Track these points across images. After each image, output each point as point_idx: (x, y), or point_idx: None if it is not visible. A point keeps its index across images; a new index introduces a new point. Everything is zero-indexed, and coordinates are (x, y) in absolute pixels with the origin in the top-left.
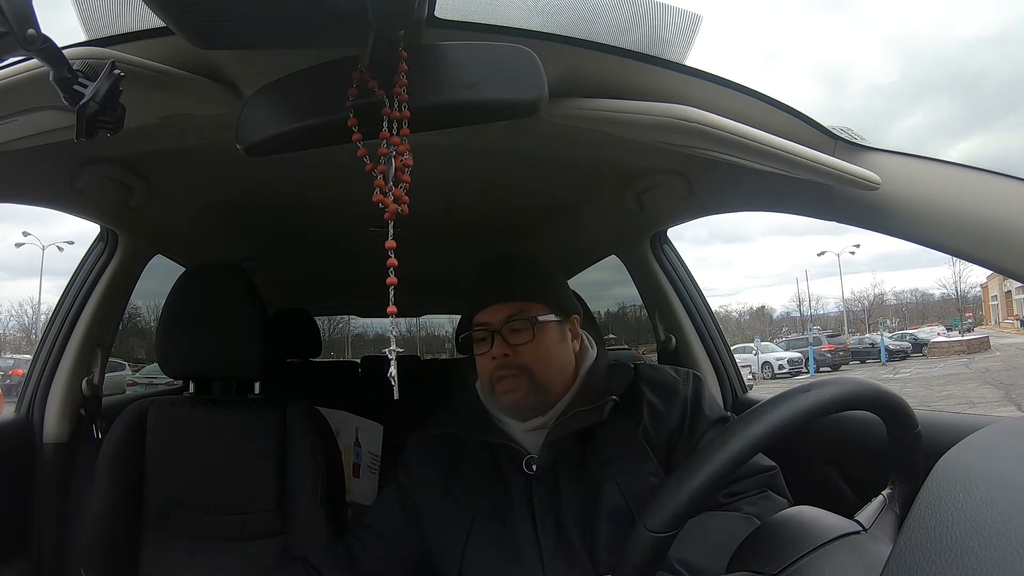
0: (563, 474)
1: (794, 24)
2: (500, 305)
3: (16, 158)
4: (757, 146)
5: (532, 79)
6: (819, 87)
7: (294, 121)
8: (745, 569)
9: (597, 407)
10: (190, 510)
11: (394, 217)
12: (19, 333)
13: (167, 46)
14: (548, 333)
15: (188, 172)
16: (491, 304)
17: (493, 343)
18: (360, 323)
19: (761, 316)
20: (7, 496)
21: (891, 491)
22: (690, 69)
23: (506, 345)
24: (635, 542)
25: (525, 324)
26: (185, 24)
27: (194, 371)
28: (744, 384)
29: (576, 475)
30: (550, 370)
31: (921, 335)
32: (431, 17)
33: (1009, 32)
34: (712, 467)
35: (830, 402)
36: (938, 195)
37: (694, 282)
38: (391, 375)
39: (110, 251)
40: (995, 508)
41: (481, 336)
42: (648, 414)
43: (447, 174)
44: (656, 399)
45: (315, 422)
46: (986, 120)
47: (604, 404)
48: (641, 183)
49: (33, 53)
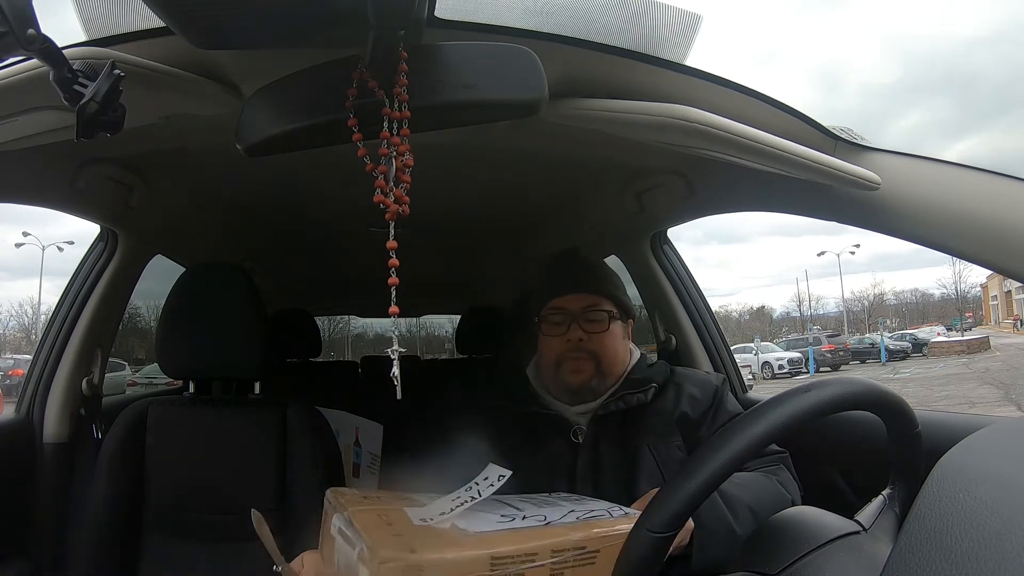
0: (604, 444)
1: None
2: (580, 295)
3: (16, 158)
4: (757, 146)
5: (532, 79)
6: (815, 88)
7: (294, 121)
8: (745, 569)
9: (643, 391)
10: (190, 510)
11: (395, 217)
12: (19, 333)
13: (167, 46)
14: (616, 328)
15: (188, 172)
16: (572, 292)
17: (569, 328)
18: (360, 323)
19: (761, 316)
20: (7, 496)
21: (891, 491)
22: (690, 69)
23: (580, 331)
24: (635, 542)
25: (602, 315)
26: (185, 24)
27: (194, 371)
28: (744, 384)
29: (616, 446)
30: (614, 361)
31: (921, 335)
32: (431, 17)
33: (1003, 32)
34: (712, 467)
35: (830, 402)
36: (938, 195)
37: (694, 282)
38: (394, 375)
39: (110, 251)
40: (995, 508)
41: (557, 320)
42: (686, 399)
43: (447, 174)
44: (694, 389)
45: (315, 422)
46: (981, 121)
47: (648, 388)
48: (641, 183)
49: (33, 53)
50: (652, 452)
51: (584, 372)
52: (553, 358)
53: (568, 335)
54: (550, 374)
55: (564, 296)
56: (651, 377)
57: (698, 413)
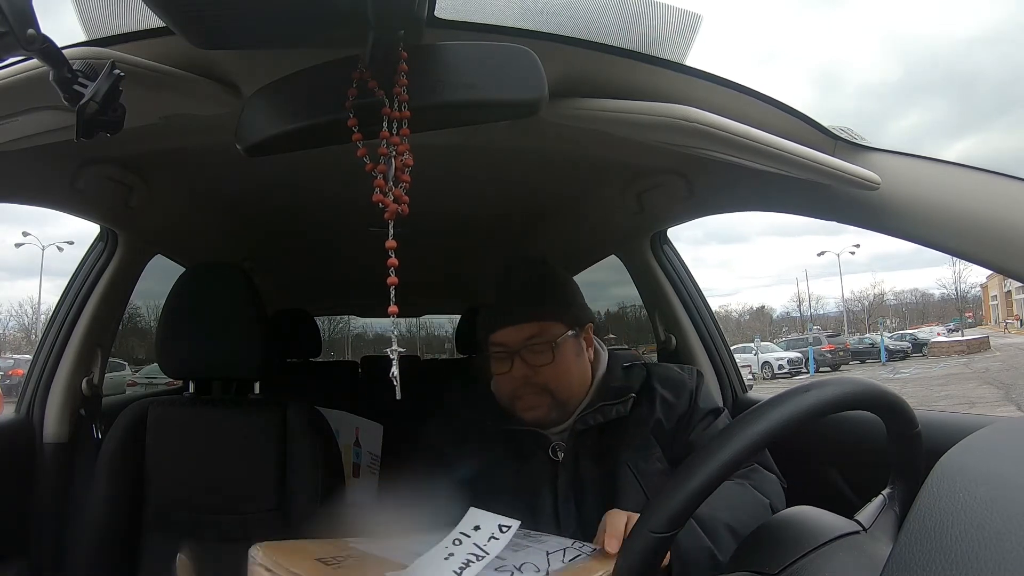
0: (584, 460)
1: (789, 25)
2: (518, 327)
3: (16, 158)
4: (757, 146)
5: (532, 79)
6: (814, 88)
7: (294, 121)
8: (745, 569)
9: (621, 402)
10: (190, 510)
11: (394, 217)
12: (19, 333)
13: (167, 46)
14: (567, 351)
15: (188, 172)
16: (509, 325)
17: (513, 363)
18: (360, 323)
19: (761, 316)
20: (7, 496)
21: (891, 491)
22: (690, 69)
23: (525, 366)
24: (636, 542)
25: (544, 346)
26: (185, 24)
27: (194, 371)
28: (744, 384)
29: (596, 461)
30: (570, 387)
31: (921, 335)
32: (431, 17)
33: (1003, 32)
34: (711, 467)
35: (830, 402)
36: (938, 195)
37: (694, 282)
38: (393, 375)
39: (110, 251)
40: (995, 508)
41: (501, 356)
42: (660, 405)
43: (447, 174)
44: (668, 393)
45: (315, 422)
46: (980, 121)
47: (626, 400)
48: (641, 183)
49: (33, 53)
50: (631, 468)
51: (540, 407)
52: (506, 395)
53: (513, 372)
54: (508, 409)
55: (501, 330)
56: (629, 385)
57: (673, 420)
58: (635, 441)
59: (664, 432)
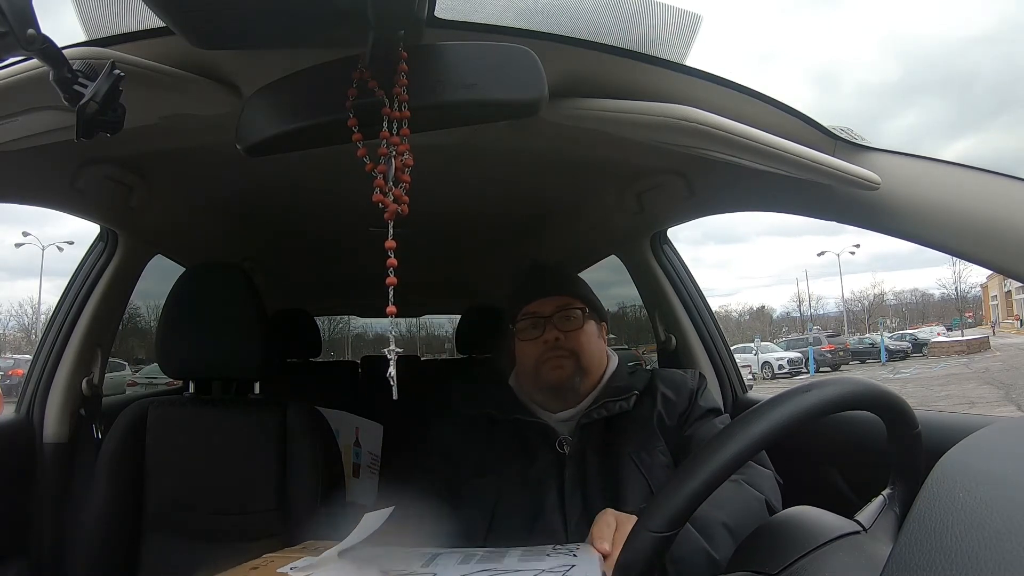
0: (590, 454)
1: (788, 25)
2: (551, 298)
3: (16, 158)
4: (757, 146)
5: (532, 79)
6: (813, 87)
7: (294, 121)
8: (745, 569)
9: (625, 398)
10: (190, 510)
11: (394, 217)
12: (19, 333)
13: (167, 46)
14: (592, 327)
15: (188, 172)
16: (543, 296)
17: (545, 330)
18: (360, 323)
19: (761, 316)
20: (7, 496)
21: (891, 491)
22: (690, 69)
23: (556, 330)
24: (636, 542)
25: (576, 314)
26: (185, 24)
27: (194, 371)
28: (744, 384)
29: (601, 455)
30: (592, 358)
31: (921, 335)
32: (431, 17)
33: (1001, 32)
34: (712, 467)
35: (830, 402)
36: (938, 195)
37: (694, 282)
38: (390, 375)
39: (110, 251)
40: (995, 508)
41: (532, 324)
42: (662, 402)
43: (447, 174)
44: (669, 391)
45: (315, 422)
46: (979, 121)
47: (630, 396)
48: (641, 183)
49: (33, 53)
50: (635, 461)
51: (565, 368)
52: (532, 361)
53: (544, 336)
54: (531, 378)
55: (536, 300)
56: (632, 385)
57: (674, 418)
58: (639, 435)
59: (666, 428)
